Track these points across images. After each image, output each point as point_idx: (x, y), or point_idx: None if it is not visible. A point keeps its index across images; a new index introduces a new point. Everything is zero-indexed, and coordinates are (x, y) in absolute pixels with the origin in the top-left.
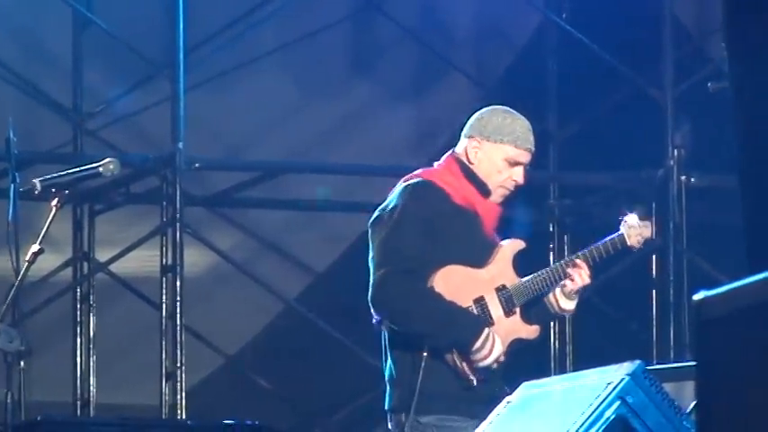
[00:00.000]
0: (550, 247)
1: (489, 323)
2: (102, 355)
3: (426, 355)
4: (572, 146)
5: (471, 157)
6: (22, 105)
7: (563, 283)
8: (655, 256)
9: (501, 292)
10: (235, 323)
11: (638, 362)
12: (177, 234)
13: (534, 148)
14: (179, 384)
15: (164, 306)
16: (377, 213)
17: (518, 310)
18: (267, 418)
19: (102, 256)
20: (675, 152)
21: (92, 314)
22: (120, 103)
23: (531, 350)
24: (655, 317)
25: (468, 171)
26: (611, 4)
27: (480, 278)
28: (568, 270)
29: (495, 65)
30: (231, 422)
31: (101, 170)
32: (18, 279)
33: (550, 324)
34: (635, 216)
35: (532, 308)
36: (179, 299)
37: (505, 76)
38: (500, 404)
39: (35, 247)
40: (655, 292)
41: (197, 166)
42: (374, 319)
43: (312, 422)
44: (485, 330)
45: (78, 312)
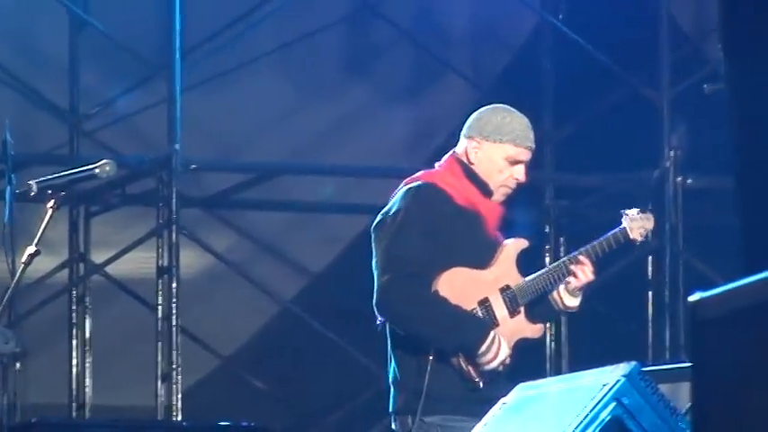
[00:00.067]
0: (546, 248)
1: (494, 325)
2: (98, 357)
3: (432, 358)
4: (568, 147)
5: (472, 158)
6: (18, 107)
7: (567, 280)
8: (651, 257)
9: (505, 292)
10: (230, 324)
11: (633, 363)
12: (173, 235)
13: (534, 146)
14: (175, 386)
15: (159, 307)
16: (379, 218)
17: (522, 309)
18: (263, 419)
19: (98, 257)
20: (672, 153)
21: (87, 316)
22: (117, 105)
23: (527, 351)
24: (650, 318)
25: (470, 171)
26: (607, 6)
27: (484, 279)
28: (572, 267)
29: (492, 66)
30: (227, 423)
31: (97, 172)
32: (14, 281)
33: (547, 324)
34: (636, 209)
35: (536, 306)
36: (175, 300)
37: (502, 78)
38: (495, 405)
39: (31, 249)
40: (651, 293)
41: (193, 167)
42: (378, 321)
43: (308, 423)
44: (490, 334)
45: (74, 314)
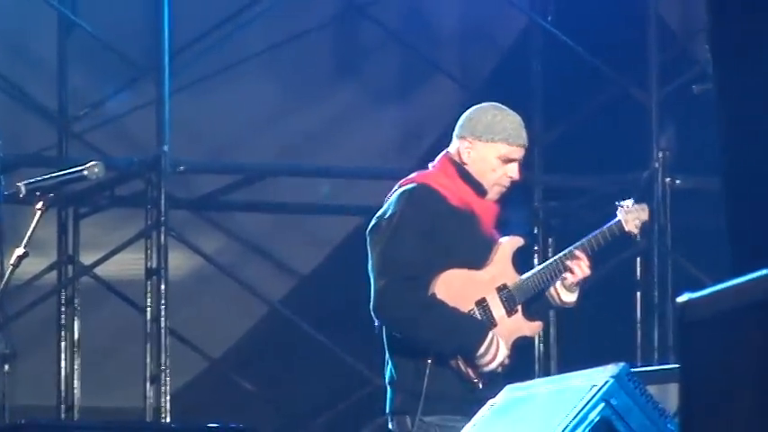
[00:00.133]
0: (535, 249)
1: (492, 325)
2: (87, 359)
3: (430, 361)
4: (557, 148)
5: (464, 158)
6: (6, 109)
7: (563, 276)
8: (639, 258)
9: (502, 291)
10: (219, 326)
11: (622, 364)
12: (162, 237)
13: (527, 143)
14: (163, 387)
15: (148, 309)
16: (374, 221)
17: (520, 307)
18: (251, 420)
19: (87, 259)
20: (660, 154)
21: (76, 317)
22: (106, 107)
23: (515, 352)
24: (639, 319)
25: (463, 171)
26: (596, 7)
27: (481, 279)
28: (568, 263)
29: (481, 67)
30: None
31: (86, 173)
32: (2, 283)
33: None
34: (630, 200)
35: (534, 303)
36: (163, 302)
37: (490, 79)
38: (483, 406)
39: (20, 251)
40: (639, 294)
41: (182, 169)
42: (376, 323)
43: (296, 425)
44: (488, 335)
45: (63, 315)
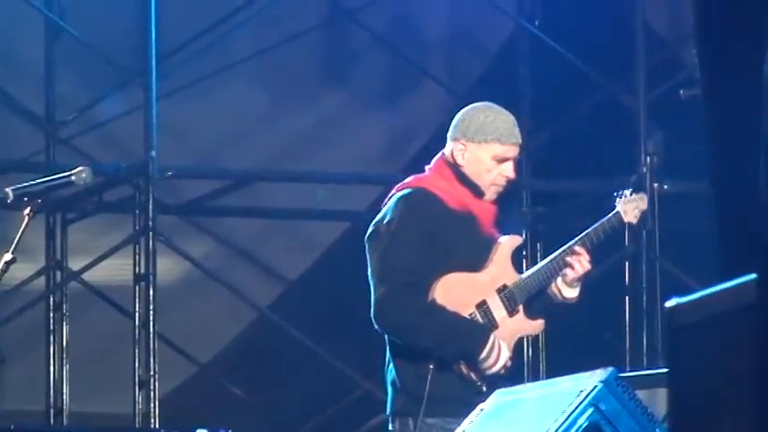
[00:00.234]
0: (523, 254)
1: (494, 327)
2: (75, 364)
3: (432, 365)
4: (545, 153)
5: (459, 159)
6: None
7: (564, 272)
8: (628, 263)
9: (502, 292)
10: (208, 331)
11: (610, 369)
12: (150, 243)
13: (521, 141)
14: (152, 393)
15: (137, 314)
16: (372, 228)
17: (521, 307)
18: (240, 426)
19: (75, 264)
20: (648, 159)
21: (65, 323)
22: (93, 112)
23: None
24: (627, 324)
25: (459, 173)
26: (583, 12)
27: (480, 281)
28: (567, 259)
29: (468, 72)
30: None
31: (73, 179)
32: None
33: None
34: (629, 190)
35: (535, 301)
36: (152, 307)
37: (478, 84)
38: (473, 411)
39: (8, 257)
40: (627, 298)
41: (170, 174)
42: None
43: (285, 429)
44: (490, 338)
45: (51, 321)
